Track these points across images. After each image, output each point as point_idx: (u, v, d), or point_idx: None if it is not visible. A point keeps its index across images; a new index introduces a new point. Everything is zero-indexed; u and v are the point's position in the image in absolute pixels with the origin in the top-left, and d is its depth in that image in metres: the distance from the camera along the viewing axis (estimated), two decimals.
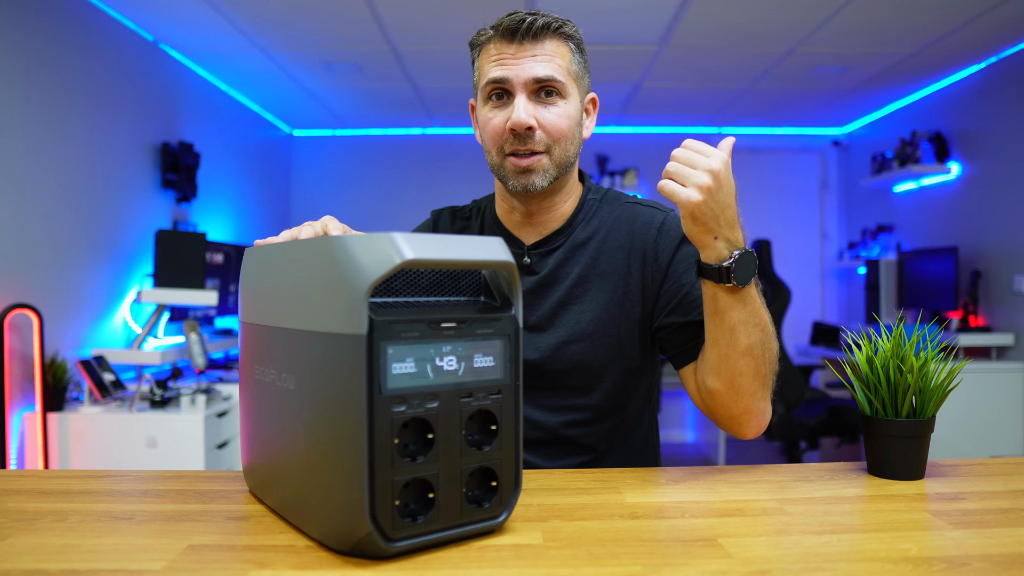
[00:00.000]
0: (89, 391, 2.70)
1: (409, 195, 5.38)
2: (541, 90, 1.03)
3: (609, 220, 1.12)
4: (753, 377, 0.95)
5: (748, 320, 0.93)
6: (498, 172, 1.08)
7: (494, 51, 1.05)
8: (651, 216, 1.11)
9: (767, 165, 5.43)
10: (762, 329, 0.94)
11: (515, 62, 1.02)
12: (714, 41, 3.50)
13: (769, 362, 0.97)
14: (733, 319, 0.92)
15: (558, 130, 1.04)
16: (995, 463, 1.00)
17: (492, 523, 0.69)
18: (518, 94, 1.03)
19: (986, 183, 3.76)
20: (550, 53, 1.03)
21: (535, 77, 1.02)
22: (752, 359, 0.94)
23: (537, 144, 1.03)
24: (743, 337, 0.93)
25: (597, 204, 1.14)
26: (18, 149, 2.56)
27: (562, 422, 1.09)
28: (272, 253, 0.77)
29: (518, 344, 0.71)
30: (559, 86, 1.03)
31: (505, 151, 1.05)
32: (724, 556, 0.64)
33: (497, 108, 1.05)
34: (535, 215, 1.12)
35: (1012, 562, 0.63)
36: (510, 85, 1.03)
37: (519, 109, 1.01)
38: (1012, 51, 3.57)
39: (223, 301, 3.82)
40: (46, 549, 0.65)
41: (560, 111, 1.04)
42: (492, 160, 1.07)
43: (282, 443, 0.72)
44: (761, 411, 0.98)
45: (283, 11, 3.11)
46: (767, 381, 0.97)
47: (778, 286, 3.83)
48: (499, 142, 1.05)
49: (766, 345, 0.95)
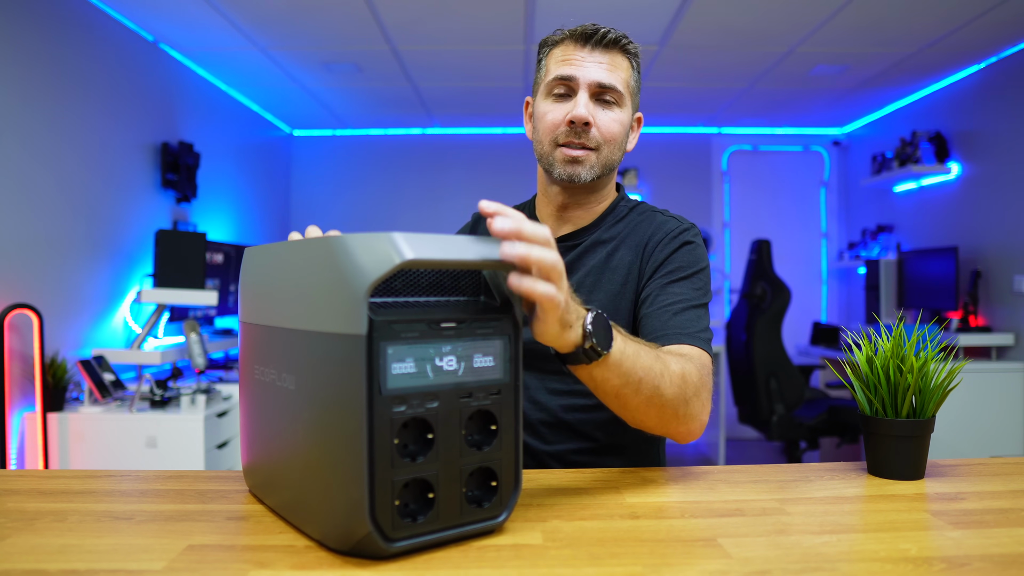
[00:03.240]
0: (89, 391, 2.70)
1: (409, 195, 5.38)
2: (602, 94, 1.10)
3: (632, 225, 1.17)
4: (659, 415, 0.89)
5: (629, 380, 0.84)
6: (546, 160, 1.14)
7: (565, 52, 1.12)
8: (666, 223, 1.15)
9: (767, 165, 5.44)
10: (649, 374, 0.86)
11: (584, 64, 1.10)
12: (714, 41, 3.50)
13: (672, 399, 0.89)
14: (615, 385, 0.84)
15: (611, 132, 1.11)
16: (995, 463, 1.00)
17: (492, 523, 0.69)
18: (581, 92, 1.10)
19: (986, 183, 3.76)
20: (615, 64, 1.12)
21: (599, 81, 1.09)
22: (651, 407, 0.88)
23: (590, 140, 1.10)
24: (632, 396, 0.85)
25: (627, 210, 1.20)
26: (18, 149, 2.56)
27: (562, 405, 1.12)
28: (272, 253, 0.77)
29: (518, 344, 0.71)
30: (617, 95, 1.11)
31: (558, 141, 1.11)
32: (724, 556, 0.64)
33: (558, 102, 1.12)
34: (569, 208, 1.18)
35: (1012, 562, 0.63)
36: (575, 83, 1.10)
37: (580, 105, 1.08)
38: (1012, 51, 3.57)
39: (223, 301, 3.82)
40: (46, 549, 0.65)
41: (615, 116, 1.11)
42: (543, 150, 1.13)
43: (282, 443, 0.72)
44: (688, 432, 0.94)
45: (283, 11, 3.11)
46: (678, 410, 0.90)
47: (778, 286, 3.83)
48: (554, 133, 1.11)
49: (659, 387, 0.87)
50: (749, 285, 3.93)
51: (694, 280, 1.09)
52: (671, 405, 0.89)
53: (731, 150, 5.43)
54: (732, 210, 5.43)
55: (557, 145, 1.12)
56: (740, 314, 4.00)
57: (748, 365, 3.83)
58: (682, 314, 1.04)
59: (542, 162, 1.15)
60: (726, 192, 5.43)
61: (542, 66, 1.18)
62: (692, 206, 5.36)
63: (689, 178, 5.39)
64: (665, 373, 0.88)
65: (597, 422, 1.11)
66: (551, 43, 1.16)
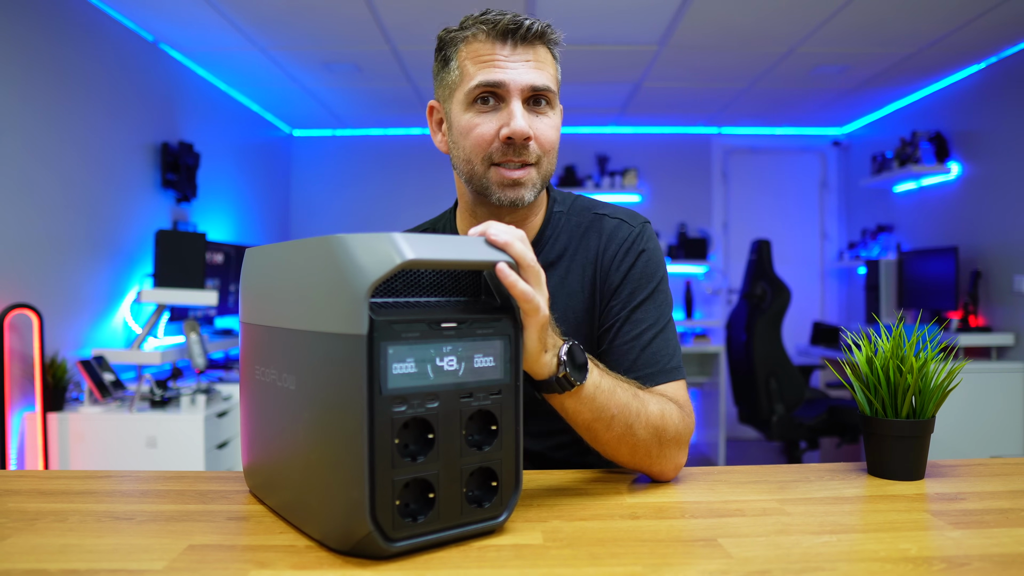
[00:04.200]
0: (89, 391, 2.70)
1: (409, 195, 5.38)
2: (533, 99, 0.97)
3: (577, 234, 1.06)
4: (631, 454, 0.88)
5: (601, 415, 0.83)
6: (478, 182, 0.98)
7: (483, 51, 0.96)
8: (617, 229, 1.05)
9: (767, 165, 5.44)
10: (623, 411, 0.84)
11: (511, 66, 0.95)
12: (714, 41, 3.50)
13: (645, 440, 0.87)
14: (586, 418, 0.83)
15: (549, 141, 0.98)
16: (995, 463, 1.00)
17: (492, 523, 0.69)
18: (514, 100, 0.95)
19: (986, 183, 3.76)
20: (543, 61, 0.97)
21: (532, 85, 0.95)
22: (621, 443, 0.86)
23: (530, 155, 0.96)
24: (603, 430, 0.85)
25: (564, 217, 1.08)
26: (18, 149, 2.56)
27: (549, 446, 1.07)
28: (273, 254, 0.77)
29: (518, 344, 0.71)
30: (550, 96, 0.98)
31: (492, 160, 0.96)
32: (724, 556, 0.64)
33: (484, 113, 0.96)
34: None
35: (1012, 562, 0.63)
36: (505, 90, 0.94)
37: (518, 117, 0.94)
38: (1012, 51, 3.57)
39: (223, 301, 3.82)
40: (46, 549, 0.65)
41: (551, 122, 0.99)
42: (472, 169, 0.98)
43: (282, 443, 0.72)
44: (660, 473, 0.91)
45: (283, 11, 3.11)
46: (650, 451, 0.88)
47: (778, 286, 3.83)
48: (486, 151, 0.96)
49: (632, 427, 0.85)
50: (749, 285, 3.93)
51: (655, 297, 1.02)
52: (643, 445, 0.87)
53: (731, 150, 5.43)
54: (732, 210, 5.42)
55: (491, 164, 0.96)
56: (740, 314, 4.00)
57: (748, 365, 3.83)
58: (651, 345, 0.98)
59: (472, 183, 0.99)
60: (726, 192, 5.43)
61: (451, 67, 0.99)
62: (692, 206, 5.37)
63: (689, 178, 5.39)
64: (641, 413, 0.86)
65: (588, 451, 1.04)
66: (459, 38, 0.98)
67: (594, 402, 0.82)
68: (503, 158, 0.96)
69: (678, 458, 0.91)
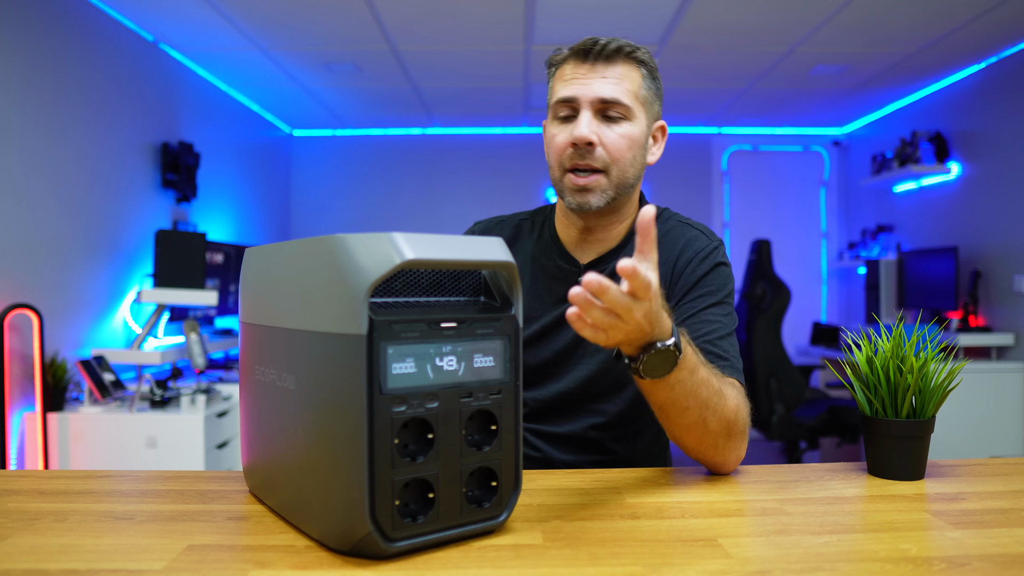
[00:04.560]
0: (89, 391, 2.70)
1: (409, 195, 5.38)
2: (607, 110, 1.05)
3: (659, 239, 1.11)
4: (698, 442, 0.91)
5: (677, 401, 0.86)
6: (558, 187, 1.10)
7: (567, 71, 1.08)
8: (696, 240, 1.12)
9: (767, 165, 5.44)
10: (700, 405, 0.88)
11: (584, 82, 1.05)
12: (714, 41, 3.50)
13: (714, 431, 0.90)
14: (660, 399, 0.87)
15: (618, 149, 1.06)
16: (995, 463, 1.00)
17: (492, 523, 0.69)
18: (583, 111, 1.05)
19: (986, 183, 3.76)
20: (620, 76, 1.06)
21: (601, 97, 1.04)
22: (690, 431, 0.90)
23: (596, 161, 1.05)
24: (675, 416, 0.88)
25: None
26: (18, 149, 2.56)
27: (587, 426, 1.13)
28: (272, 254, 0.77)
29: (518, 344, 0.71)
30: (624, 108, 1.05)
31: (565, 166, 1.07)
32: (724, 556, 0.64)
33: (563, 124, 1.08)
34: (592, 232, 1.14)
35: (1012, 562, 0.63)
36: (577, 103, 1.06)
37: (582, 124, 1.04)
38: (1012, 51, 3.57)
39: (223, 301, 3.82)
40: (46, 549, 0.65)
41: (623, 132, 1.06)
42: (554, 175, 1.10)
43: (282, 443, 0.72)
44: (720, 464, 0.94)
45: (283, 11, 3.11)
46: (717, 443, 0.91)
47: (778, 286, 3.83)
48: (561, 157, 1.07)
49: (705, 419, 0.89)
50: (749, 285, 3.93)
51: (724, 306, 1.07)
52: (711, 434, 0.90)
53: (731, 150, 5.43)
54: (732, 210, 5.42)
55: (566, 170, 1.08)
56: (740, 314, 4.00)
57: (748, 365, 3.83)
58: (721, 341, 1.03)
59: (555, 188, 1.12)
60: (726, 192, 5.43)
61: (550, 89, 1.14)
62: (692, 206, 5.36)
63: (689, 178, 5.39)
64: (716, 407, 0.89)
65: (621, 438, 1.13)
66: (556, 63, 1.12)
67: (672, 389, 0.85)
68: (572, 163, 1.06)
69: (741, 451, 0.95)
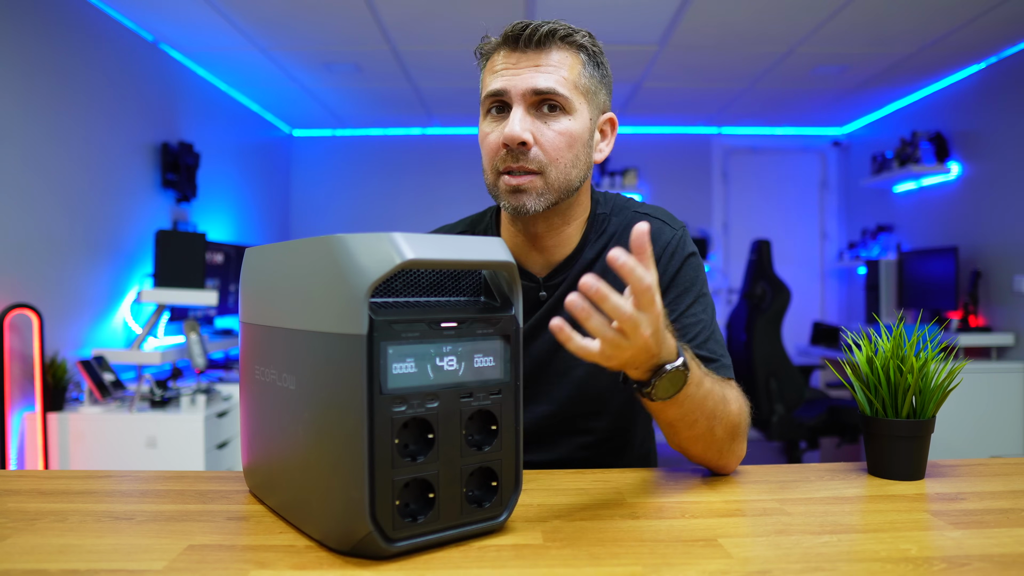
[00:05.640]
0: (89, 391, 2.70)
1: (409, 195, 5.38)
2: (542, 103, 0.94)
3: (618, 232, 1.05)
4: (704, 450, 0.89)
5: (686, 416, 0.84)
6: (492, 192, 0.98)
7: (496, 61, 0.96)
8: (661, 232, 1.04)
9: (767, 165, 5.44)
10: (707, 416, 0.85)
11: (515, 72, 0.93)
12: (714, 41, 3.50)
13: (720, 439, 0.88)
14: (670, 416, 0.84)
15: (556, 149, 0.94)
16: (995, 463, 1.00)
17: (492, 523, 0.69)
18: (515, 106, 0.93)
19: (986, 183, 3.76)
20: (555, 64, 0.94)
21: (534, 88, 0.92)
22: (698, 441, 0.88)
23: (531, 163, 0.93)
24: (684, 430, 0.86)
25: (606, 218, 1.06)
26: (18, 149, 2.56)
27: (574, 446, 1.08)
28: (272, 253, 0.77)
29: (518, 344, 0.71)
30: (562, 100, 0.93)
31: (499, 169, 0.95)
32: (724, 556, 0.64)
33: (495, 122, 0.96)
34: (540, 239, 1.03)
35: (1012, 562, 0.63)
36: (508, 97, 0.94)
37: (513, 122, 0.92)
38: (1012, 51, 3.57)
39: (223, 301, 3.82)
40: (46, 549, 0.65)
41: (561, 128, 0.94)
42: (488, 180, 0.98)
43: (282, 443, 0.72)
44: (724, 466, 0.93)
45: (283, 11, 3.11)
46: (722, 448, 0.90)
47: (778, 286, 3.83)
48: (493, 159, 0.96)
49: (713, 429, 0.87)
50: (749, 285, 3.93)
51: (702, 299, 1.02)
52: (717, 441, 0.89)
53: (731, 150, 5.43)
54: (732, 210, 5.42)
55: (499, 173, 0.95)
56: (740, 314, 3.99)
57: (748, 365, 3.83)
58: (706, 345, 0.99)
59: (491, 194, 0.99)
60: (726, 192, 5.43)
61: (480, 82, 1.01)
62: (692, 206, 5.37)
63: (689, 178, 5.39)
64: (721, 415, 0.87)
65: (607, 452, 1.10)
66: (486, 53, 0.99)
67: (681, 405, 0.82)
68: (506, 165, 0.95)
69: (742, 451, 0.93)
